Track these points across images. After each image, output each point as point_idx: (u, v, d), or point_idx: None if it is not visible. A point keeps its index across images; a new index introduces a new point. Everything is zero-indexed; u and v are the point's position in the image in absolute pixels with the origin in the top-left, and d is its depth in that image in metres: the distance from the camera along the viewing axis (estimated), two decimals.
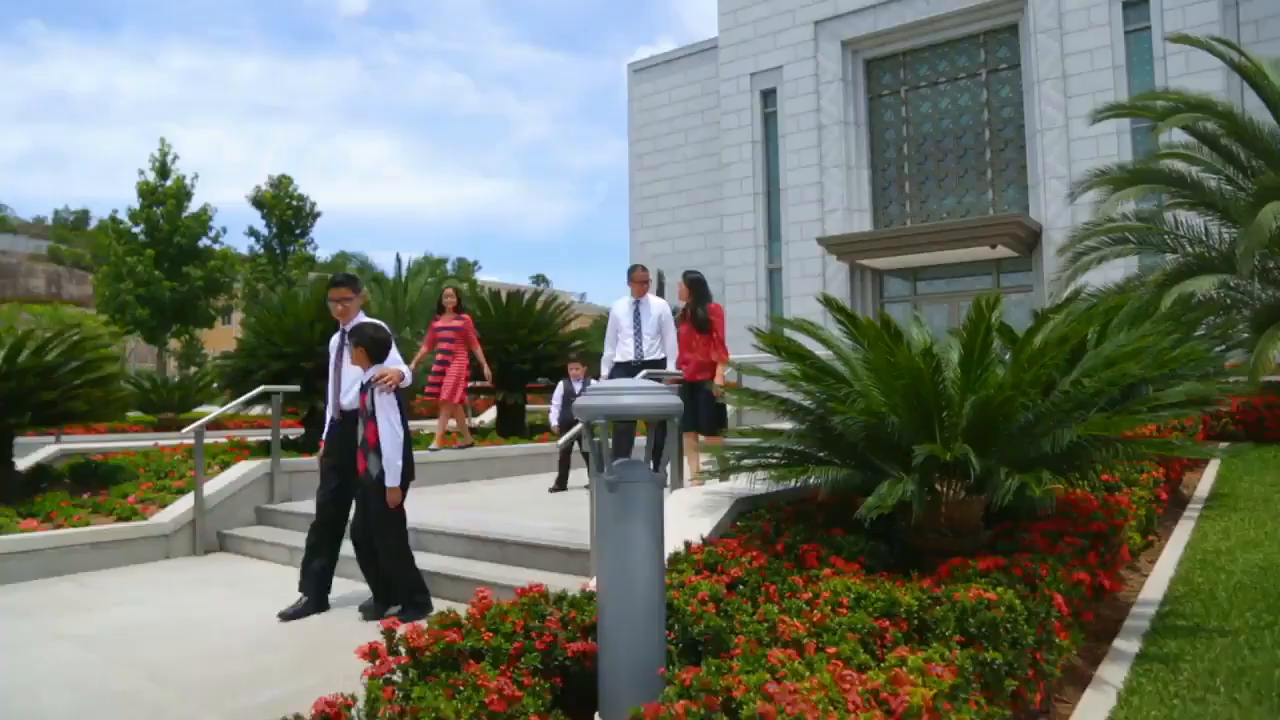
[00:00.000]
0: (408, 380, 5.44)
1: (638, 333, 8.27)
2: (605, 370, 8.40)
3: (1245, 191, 10.85)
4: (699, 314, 7.93)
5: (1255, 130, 11.01)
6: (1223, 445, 10.06)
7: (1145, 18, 19.76)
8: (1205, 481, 8.48)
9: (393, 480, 5.28)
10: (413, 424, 11.96)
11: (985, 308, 4.09)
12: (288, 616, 5.41)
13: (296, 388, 9.25)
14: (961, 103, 23.09)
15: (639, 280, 8.45)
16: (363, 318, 5.84)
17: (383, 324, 5.59)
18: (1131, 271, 14.58)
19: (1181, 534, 6.53)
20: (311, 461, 9.00)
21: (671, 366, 8.06)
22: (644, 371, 7.35)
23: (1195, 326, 8.89)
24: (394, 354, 5.55)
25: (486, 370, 10.99)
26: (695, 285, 8.04)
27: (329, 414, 5.92)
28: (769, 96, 25.16)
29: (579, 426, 6.08)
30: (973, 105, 22.91)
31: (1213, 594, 4.96)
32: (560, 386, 9.64)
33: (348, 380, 5.75)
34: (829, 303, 4.87)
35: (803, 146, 24.06)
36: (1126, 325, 6.00)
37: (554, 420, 9.65)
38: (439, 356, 10.52)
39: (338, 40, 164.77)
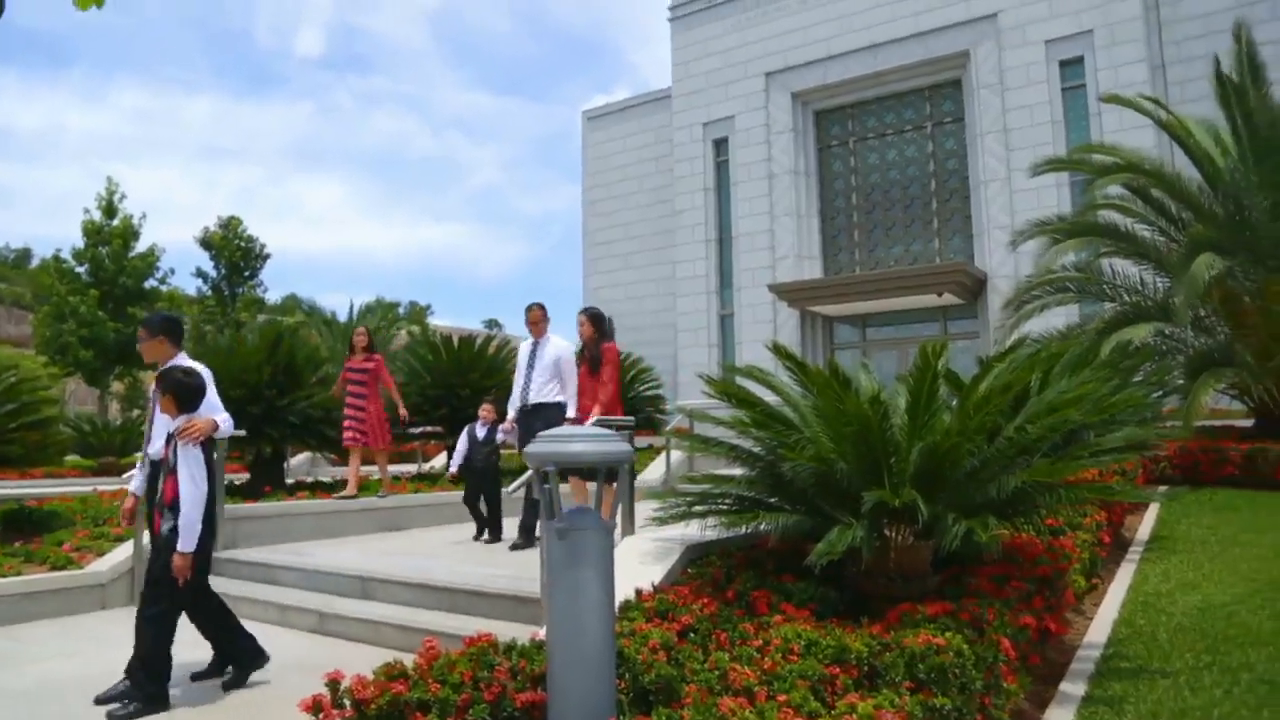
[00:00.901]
0: (224, 430, 4.99)
1: (528, 374, 7.97)
2: (510, 413, 8.16)
3: (1177, 243, 11.24)
4: (594, 354, 7.62)
5: (1183, 185, 11.45)
6: (1161, 489, 10.29)
7: (1081, 76, 20.52)
8: (1146, 524, 8.66)
9: (186, 544, 4.51)
10: (369, 470, 11.78)
11: (931, 356, 4.17)
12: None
13: (242, 432, 9.07)
14: (908, 154, 23.69)
15: (533, 320, 8.14)
16: (180, 360, 5.19)
17: (196, 368, 4.99)
18: (1073, 319, 14.97)
19: (1124, 576, 6.65)
20: (259, 507, 8.83)
21: (571, 411, 7.83)
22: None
23: (1133, 373, 9.13)
24: (210, 401, 4.98)
25: (402, 410, 10.52)
26: (596, 322, 7.73)
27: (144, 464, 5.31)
28: (721, 145, 25.58)
29: (529, 474, 6.02)
30: (919, 157, 23.51)
31: (1154, 636, 5.04)
32: (465, 431, 9.06)
33: (158, 428, 5.11)
34: (778, 351, 4.93)
35: (754, 195, 24.45)
36: (1068, 372, 6.15)
37: (454, 464, 9.08)
38: (349, 400, 10.02)
39: (292, 82, 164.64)
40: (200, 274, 41.45)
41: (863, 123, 24.37)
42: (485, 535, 8.60)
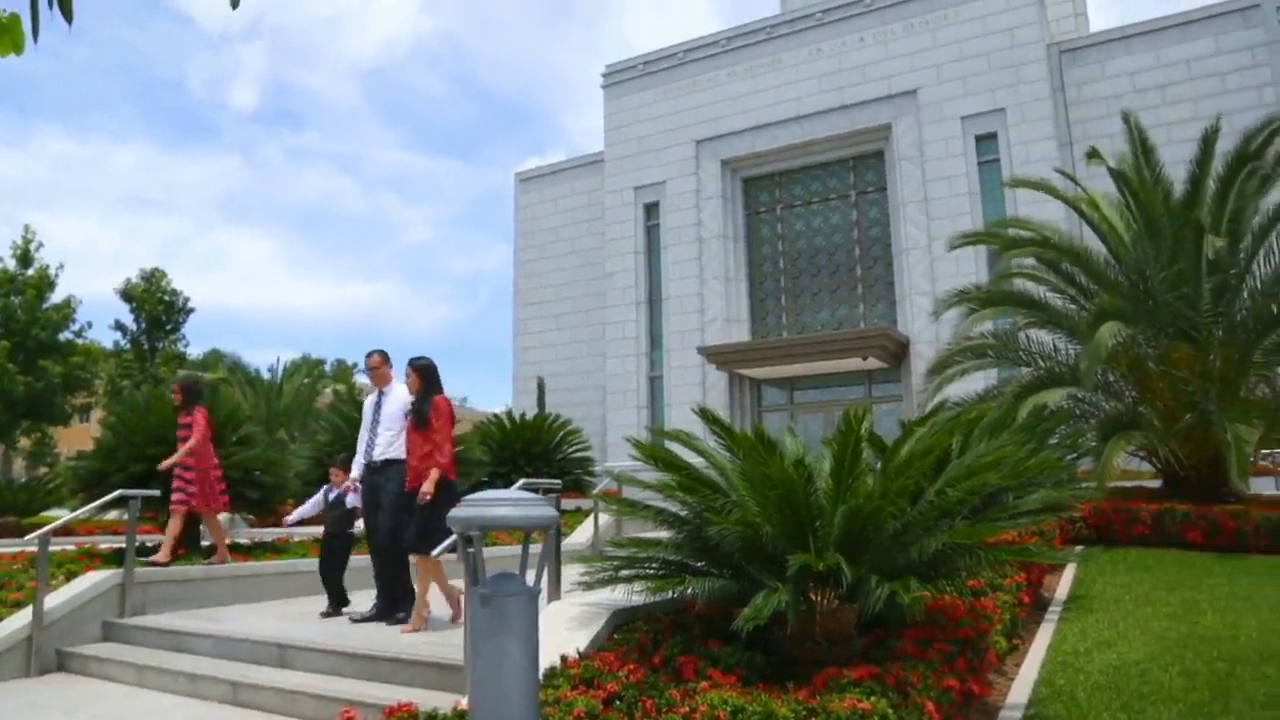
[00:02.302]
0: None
1: (371, 429, 7.38)
2: (354, 471, 7.56)
3: (1086, 311, 11.71)
4: (422, 408, 6.95)
5: (1090, 258, 11.98)
6: (1078, 548, 10.55)
7: (995, 151, 21.48)
8: (1064, 584, 8.85)
9: None
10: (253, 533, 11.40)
11: (854, 420, 4.26)
12: None
13: (156, 492, 8.74)
14: (834, 221, 24.37)
15: (372, 368, 7.54)
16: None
17: None
18: (991, 383, 15.41)
19: (1044, 636, 6.77)
20: (171, 571, 8.48)
21: (356, 472, 7.38)
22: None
23: (1048, 435, 9.41)
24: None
25: (165, 461, 8.95)
26: (425, 374, 7.07)
27: None
28: (652, 209, 25.99)
29: (453, 538, 5.90)
30: (844, 224, 24.20)
31: (1074, 695, 5.13)
32: (322, 490, 8.32)
33: None
34: (705, 415, 4.98)
35: (684, 258, 24.83)
36: (987, 435, 6.31)
37: (291, 518, 8.41)
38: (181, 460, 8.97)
39: (222, 135, 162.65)
40: (119, 327, 40.20)
41: (790, 190, 25.04)
42: (336, 608, 7.72)
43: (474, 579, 2.98)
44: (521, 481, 7.24)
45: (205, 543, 11.25)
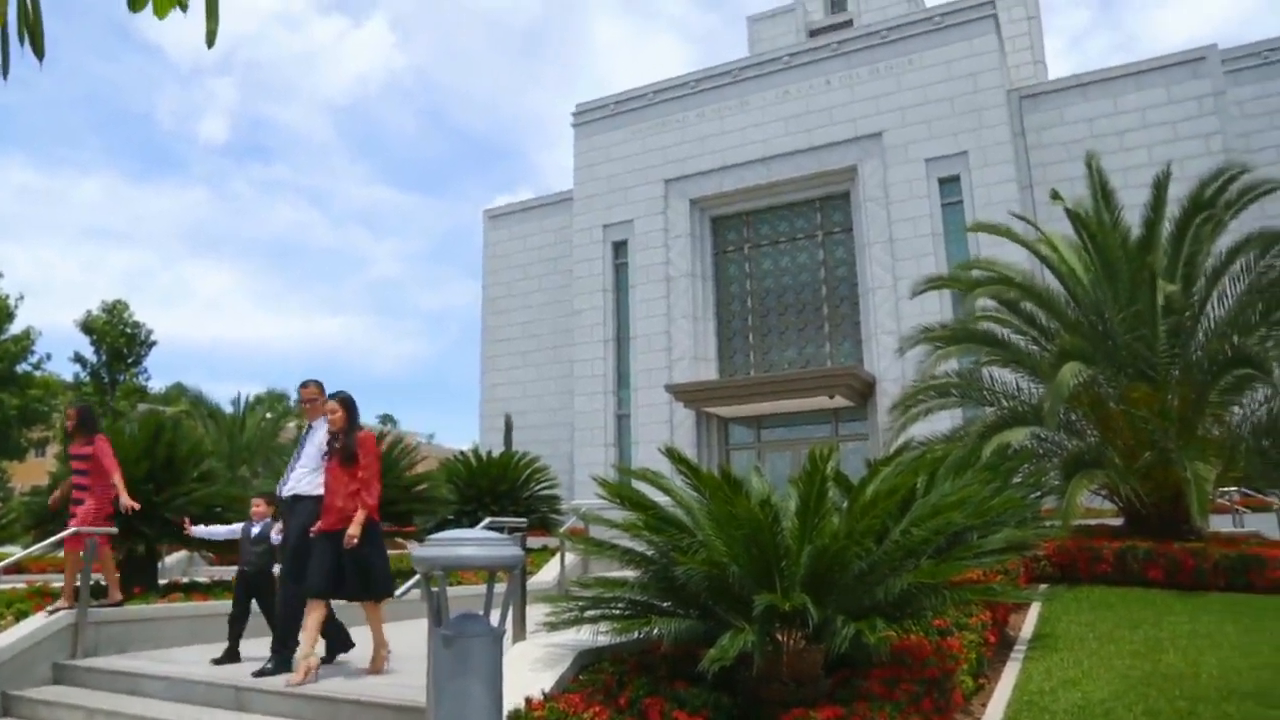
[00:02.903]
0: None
1: (294, 461, 6.99)
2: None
3: (1048, 351, 11.89)
4: (347, 445, 6.55)
5: (1052, 299, 12.20)
6: (1042, 587, 10.60)
7: (958, 193, 21.88)
8: (1029, 623, 8.88)
9: None
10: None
11: (820, 460, 4.28)
12: None
13: (114, 529, 8.54)
14: (800, 261, 24.62)
15: (306, 400, 7.20)
16: None
17: None
18: (956, 422, 15.56)
19: (1009, 675, 6.78)
20: (126, 610, 8.28)
21: None
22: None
23: (1012, 474, 9.50)
24: None
25: (125, 500, 8.40)
26: (350, 407, 6.73)
27: None
28: (620, 248, 26.12)
29: (416, 578, 5.83)
30: (810, 263, 24.46)
31: None
32: (240, 527, 7.85)
33: None
34: (671, 454, 4.98)
35: (652, 296, 24.93)
36: (951, 474, 6.36)
37: (199, 529, 8.09)
38: (74, 494, 8.47)
39: (190, 167, 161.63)
40: (79, 359, 39.51)
41: (757, 230, 25.29)
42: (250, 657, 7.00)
43: (437, 620, 2.95)
44: (487, 520, 7.19)
45: (162, 581, 11.02)
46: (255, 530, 7.61)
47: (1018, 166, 21.76)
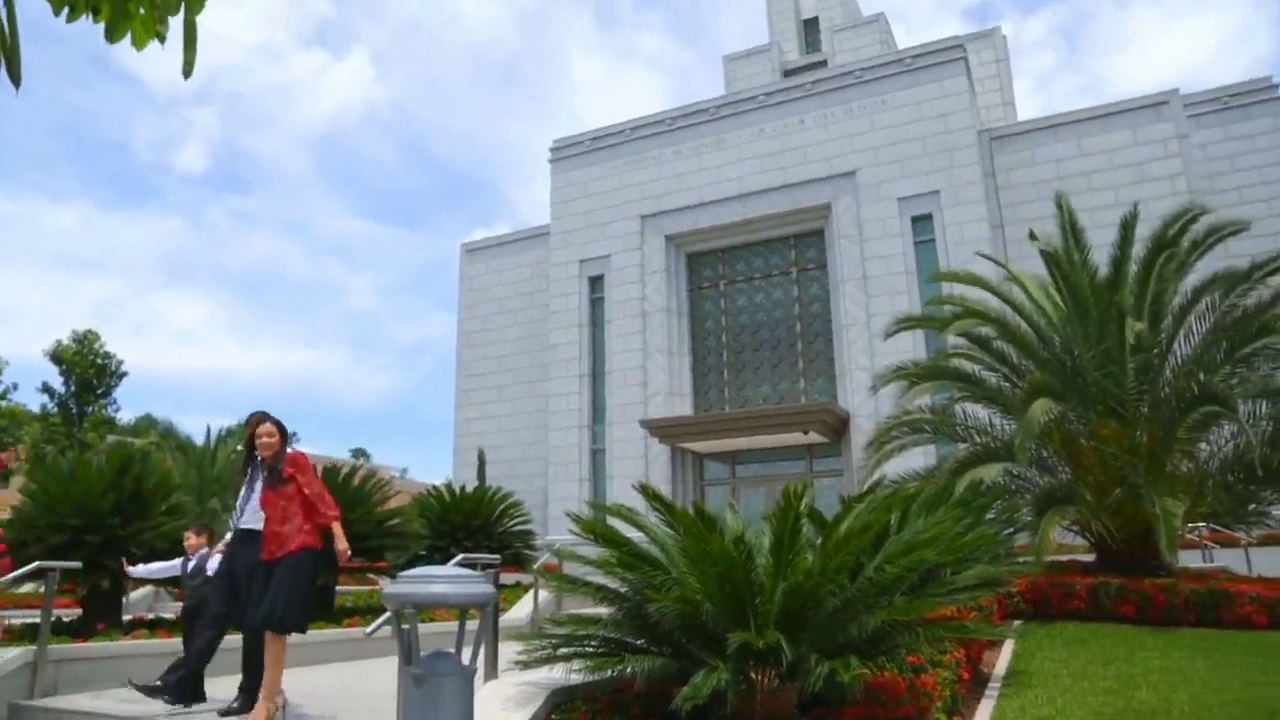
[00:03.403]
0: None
1: (247, 494, 6.59)
2: (226, 537, 6.84)
3: (1019, 388, 12.01)
4: (276, 467, 6.27)
5: (1023, 336, 12.33)
6: (1015, 623, 10.61)
7: (931, 231, 22.17)
8: (1002, 660, 8.88)
9: None
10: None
11: (794, 497, 4.28)
12: None
13: (77, 564, 8.37)
14: (775, 297, 24.79)
15: (266, 433, 6.75)
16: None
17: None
18: (930, 458, 15.65)
19: (984, 713, 6.76)
20: (88, 647, 8.09)
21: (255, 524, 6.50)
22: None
23: (985, 510, 9.54)
24: None
25: None
26: (284, 430, 6.48)
27: None
28: (597, 283, 26.20)
29: (386, 615, 5.72)
30: (785, 300, 24.63)
31: None
32: (179, 563, 7.63)
33: None
34: (646, 491, 4.97)
35: (628, 331, 24.98)
36: (925, 511, 6.39)
37: (138, 569, 7.83)
38: None
39: (166, 197, 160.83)
40: (47, 389, 38.92)
41: (733, 266, 25.47)
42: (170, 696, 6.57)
43: (408, 658, 2.91)
44: (459, 557, 7.12)
45: (127, 617, 10.81)
46: (192, 564, 7.40)
47: (989, 205, 22.11)
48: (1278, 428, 11.37)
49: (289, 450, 6.41)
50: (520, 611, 12.68)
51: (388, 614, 5.85)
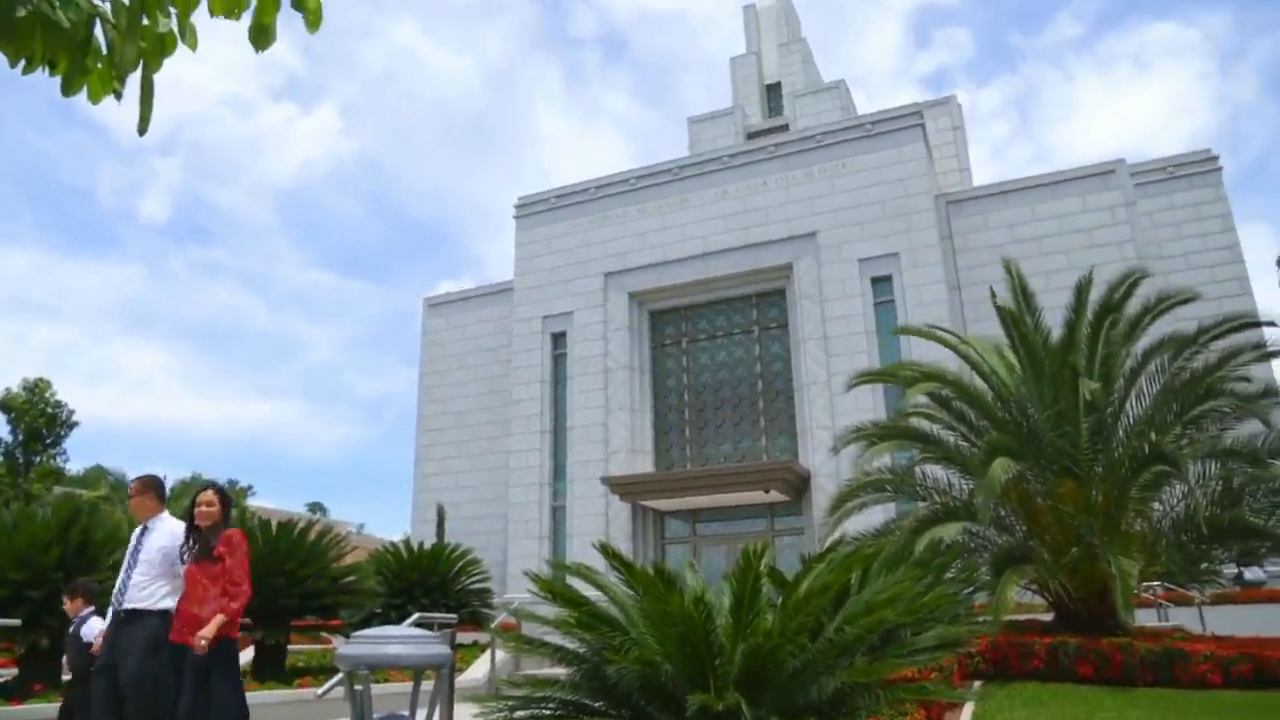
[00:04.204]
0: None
1: (128, 570, 5.93)
2: (108, 616, 6.11)
3: (977, 448, 12.15)
4: (209, 542, 5.75)
5: (980, 396, 12.52)
6: (976, 684, 10.58)
7: (890, 292, 22.54)
8: None
9: None
10: None
11: (754, 556, 4.28)
12: None
13: (16, 621, 8.09)
14: (737, 355, 24.97)
15: (129, 495, 6.38)
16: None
17: None
18: (890, 516, 15.69)
19: None
20: (24, 710, 7.79)
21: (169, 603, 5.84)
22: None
23: (944, 570, 9.56)
24: None
25: None
26: (228, 499, 6.06)
27: None
28: (559, 339, 26.23)
29: (339, 676, 5.60)
30: (747, 358, 24.82)
31: None
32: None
33: None
34: (605, 550, 4.93)
35: (590, 388, 24.97)
36: (885, 570, 6.39)
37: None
38: None
39: (126, 245, 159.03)
40: None
41: (695, 324, 25.66)
42: None
43: None
44: (415, 616, 6.99)
45: (65, 677, 10.42)
46: (71, 629, 6.97)
47: (946, 268, 22.56)
48: (1226, 488, 11.61)
49: (228, 527, 5.93)
50: (477, 672, 12.44)
51: (340, 675, 5.72)
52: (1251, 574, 18.19)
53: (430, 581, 15.75)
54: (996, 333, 12.94)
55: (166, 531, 6.04)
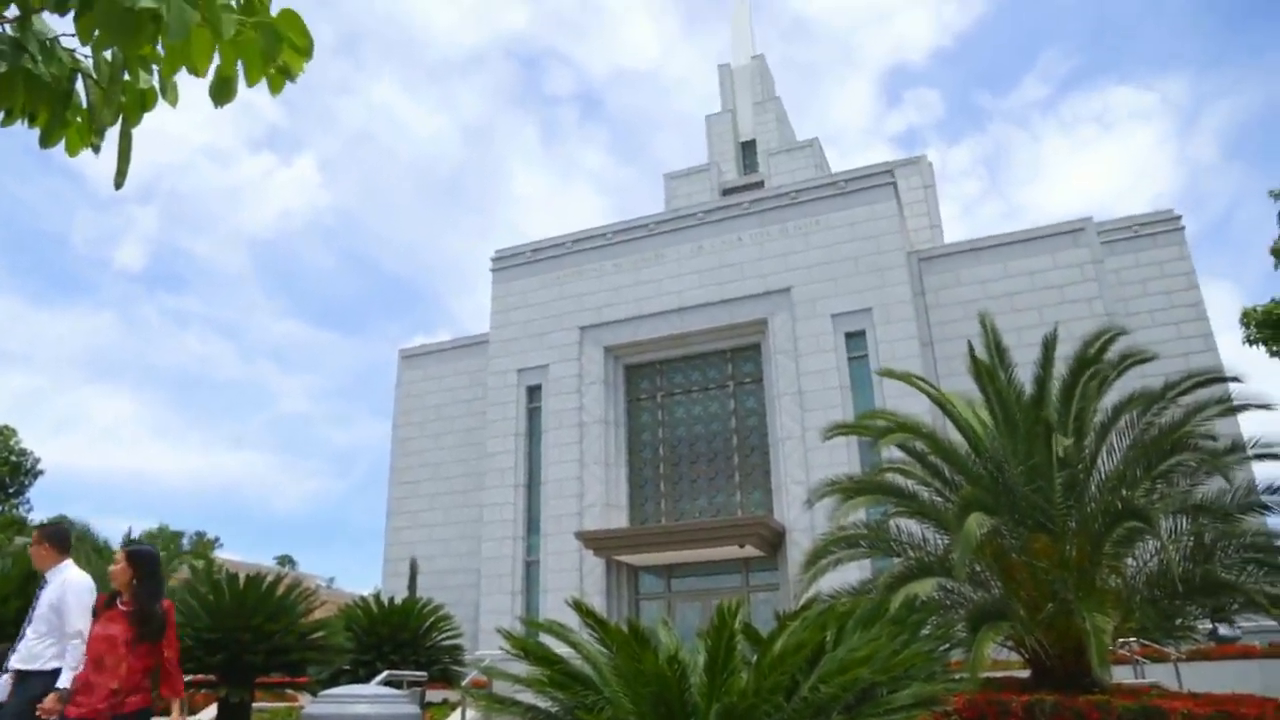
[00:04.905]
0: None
1: (26, 624, 5.58)
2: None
3: (952, 503, 12.17)
4: (149, 610, 5.26)
5: (954, 451, 12.57)
6: None
7: (864, 347, 22.74)
8: None
9: None
10: None
11: (728, 614, 4.24)
12: None
13: None
14: (712, 410, 25.00)
15: (33, 543, 5.97)
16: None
17: None
18: (865, 573, 15.64)
19: None
20: None
21: (65, 681, 5.20)
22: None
23: (920, 627, 9.50)
24: None
25: None
26: (143, 563, 5.46)
27: None
28: (535, 392, 26.17)
29: None
30: (722, 413, 24.85)
31: None
32: None
33: None
34: (579, 607, 4.88)
35: (565, 442, 24.87)
36: (860, 628, 6.34)
37: None
38: None
39: (99, 292, 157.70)
40: None
41: (670, 378, 25.71)
42: None
43: None
44: (384, 674, 6.83)
45: None
46: None
47: (919, 324, 22.81)
48: (1198, 543, 11.67)
49: (154, 595, 5.43)
50: None
51: None
52: (1225, 630, 18.25)
53: (401, 637, 15.44)
54: (969, 388, 13.04)
55: (59, 583, 5.59)
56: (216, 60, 2.34)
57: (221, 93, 2.42)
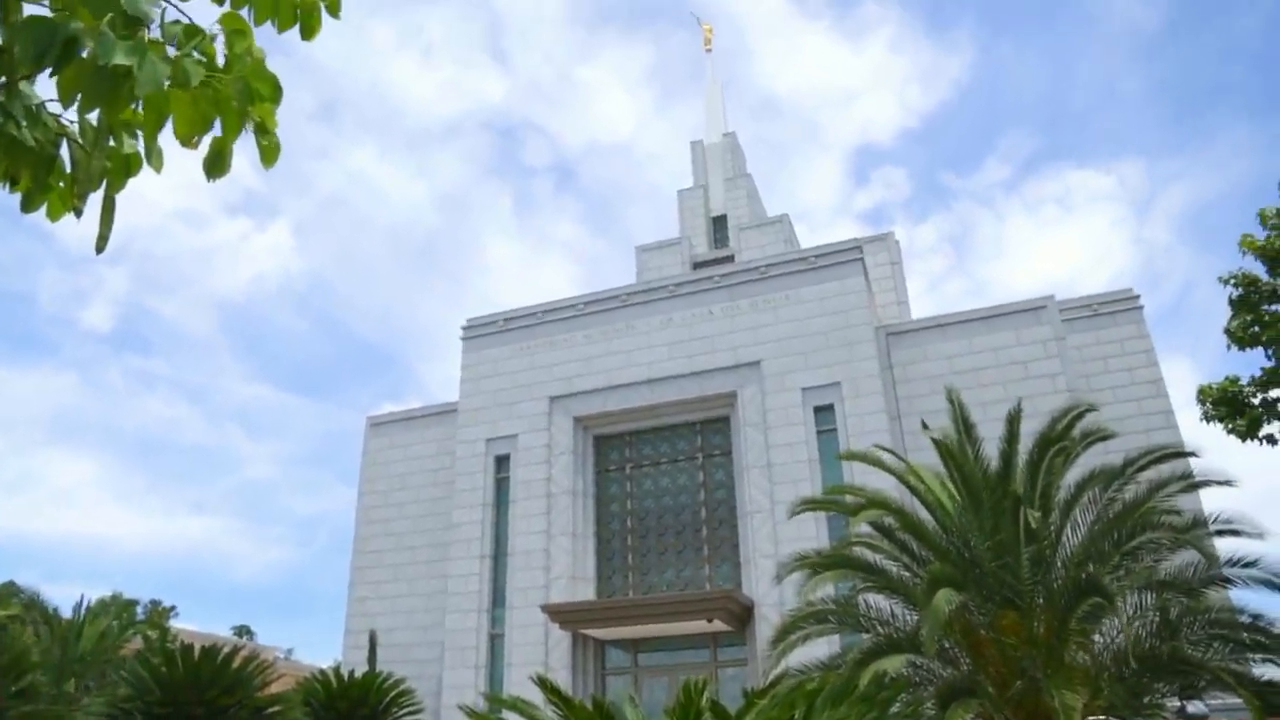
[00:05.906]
0: None
1: None
2: None
3: (920, 578, 12.15)
4: None
5: (922, 526, 12.61)
6: None
7: (833, 421, 22.87)
8: None
9: None
10: None
11: (694, 692, 4.20)
12: None
13: None
14: (681, 482, 24.93)
15: None
16: None
17: None
18: (834, 648, 15.51)
19: None
20: None
21: None
22: None
23: (890, 704, 9.39)
24: None
25: None
26: None
27: None
28: (503, 462, 25.98)
29: None
30: (690, 485, 24.78)
31: None
32: None
33: None
34: (543, 684, 4.80)
35: (532, 513, 24.63)
36: (829, 705, 6.27)
37: None
38: None
39: (63, 353, 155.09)
40: None
41: (640, 450, 25.66)
42: None
43: None
44: None
45: None
46: None
47: (886, 397, 23.01)
48: (1164, 619, 11.71)
49: None
50: None
51: None
52: (1194, 708, 18.13)
53: (360, 713, 15.00)
54: (937, 461, 13.13)
55: None
56: (210, 134, 2.37)
57: (215, 165, 2.46)
